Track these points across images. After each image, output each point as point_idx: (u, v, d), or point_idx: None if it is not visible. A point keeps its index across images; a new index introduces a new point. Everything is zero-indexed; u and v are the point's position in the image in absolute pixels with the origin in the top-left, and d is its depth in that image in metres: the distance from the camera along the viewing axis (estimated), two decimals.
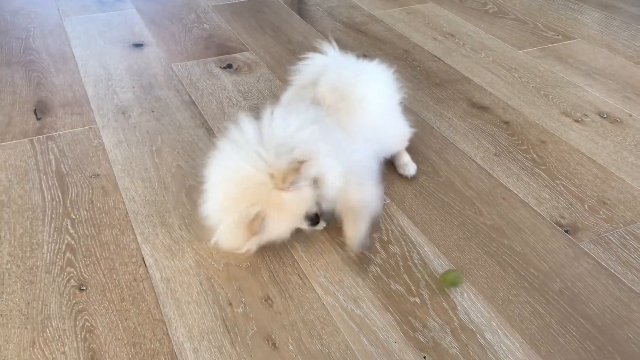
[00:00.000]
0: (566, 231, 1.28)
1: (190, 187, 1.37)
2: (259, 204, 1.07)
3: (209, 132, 1.57)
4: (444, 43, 2.11)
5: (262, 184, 1.08)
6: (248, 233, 1.10)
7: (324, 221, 1.21)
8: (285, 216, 1.13)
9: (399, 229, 1.27)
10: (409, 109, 1.61)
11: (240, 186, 1.10)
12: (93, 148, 1.50)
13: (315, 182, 1.12)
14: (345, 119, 1.25)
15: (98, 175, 1.41)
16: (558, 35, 2.19)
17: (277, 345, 1.02)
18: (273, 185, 1.07)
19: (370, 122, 1.29)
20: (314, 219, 1.15)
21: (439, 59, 2.00)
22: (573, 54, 2.06)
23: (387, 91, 1.40)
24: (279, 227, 1.14)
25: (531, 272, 1.18)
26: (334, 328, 1.05)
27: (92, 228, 1.25)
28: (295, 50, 2.00)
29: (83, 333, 1.03)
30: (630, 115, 1.71)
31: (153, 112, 1.66)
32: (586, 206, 1.36)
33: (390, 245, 1.23)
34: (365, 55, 2.01)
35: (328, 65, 1.36)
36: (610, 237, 1.27)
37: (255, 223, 1.08)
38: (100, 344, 1.01)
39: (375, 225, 1.26)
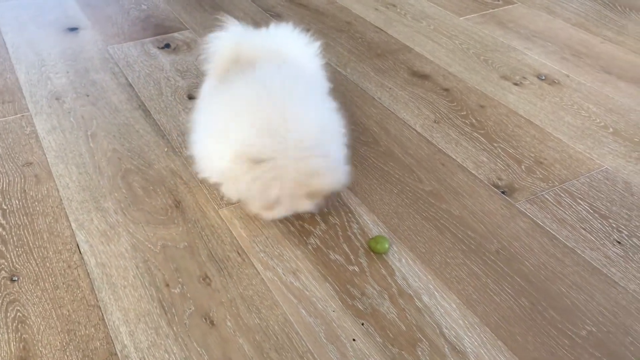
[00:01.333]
0: (503, 192, 1.30)
1: (126, 170, 1.34)
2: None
3: (146, 113, 1.54)
4: (386, 13, 2.10)
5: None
6: None
7: None
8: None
9: (339, 200, 1.27)
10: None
11: None
12: (25, 136, 1.46)
13: None
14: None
15: (31, 163, 1.37)
16: (498, 1, 2.20)
17: (214, 322, 1.01)
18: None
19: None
20: None
21: (381, 29, 1.99)
22: (513, 19, 2.07)
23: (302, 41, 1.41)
24: None
25: (468, 235, 1.19)
26: (273, 302, 1.05)
27: (25, 217, 1.22)
28: None
29: (14, 324, 1.00)
30: (568, 76, 1.73)
31: (88, 96, 1.61)
32: (523, 167, 1.38)
33: (330, 217, 1.23)
34: (308, 29, 1.98)
35: (239, 39, 1.36)
36: (546, 196, 1.29)
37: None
38: (32, 334, 0.99)
39: None
